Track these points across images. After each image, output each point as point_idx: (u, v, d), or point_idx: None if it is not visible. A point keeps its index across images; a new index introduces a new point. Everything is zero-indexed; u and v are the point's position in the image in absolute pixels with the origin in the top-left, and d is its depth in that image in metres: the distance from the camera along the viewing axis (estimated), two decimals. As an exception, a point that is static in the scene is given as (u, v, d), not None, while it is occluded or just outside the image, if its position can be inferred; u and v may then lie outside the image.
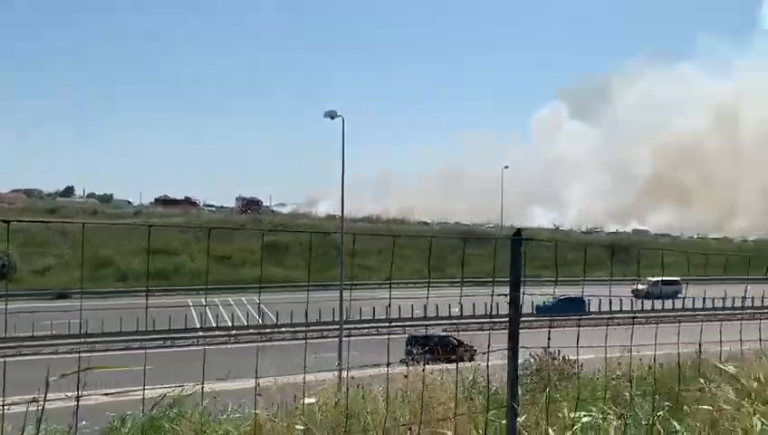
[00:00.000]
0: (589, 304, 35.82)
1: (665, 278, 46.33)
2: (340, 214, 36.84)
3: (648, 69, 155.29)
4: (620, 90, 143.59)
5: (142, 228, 58.16)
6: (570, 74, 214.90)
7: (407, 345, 20.72)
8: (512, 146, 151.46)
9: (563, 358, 12.38)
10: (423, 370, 4.65)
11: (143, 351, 33.10)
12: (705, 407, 5.57)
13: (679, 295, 44.48)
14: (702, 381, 6.15)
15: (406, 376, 5.61)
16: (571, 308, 33.51)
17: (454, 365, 5.45)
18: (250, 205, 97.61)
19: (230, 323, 39.16)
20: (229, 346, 33.77)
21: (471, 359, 15.87)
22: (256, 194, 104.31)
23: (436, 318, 37.46)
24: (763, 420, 4.47)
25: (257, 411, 5.20)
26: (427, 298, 35.78)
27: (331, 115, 32.96)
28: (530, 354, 13.54)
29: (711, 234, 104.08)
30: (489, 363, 4.90)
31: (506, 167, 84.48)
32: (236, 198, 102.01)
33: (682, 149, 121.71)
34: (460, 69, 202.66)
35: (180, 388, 7.26)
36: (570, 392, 7.41)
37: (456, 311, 36.59)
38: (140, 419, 6.65)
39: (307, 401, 5.37)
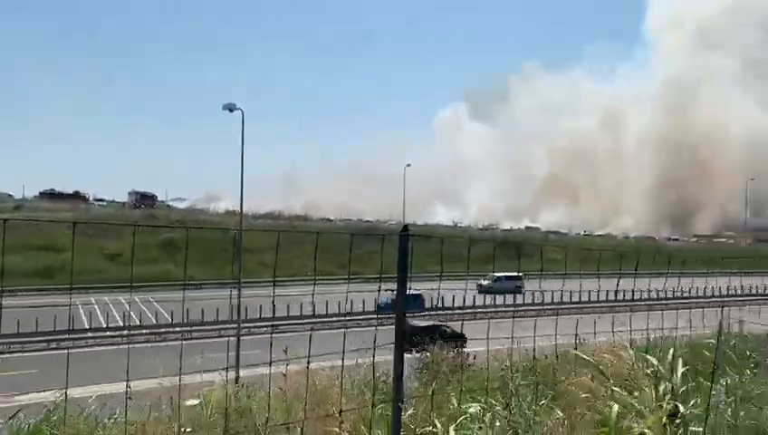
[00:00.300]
0: (442, 299, 35.77)
1: (507, 274, 49.47)
2: (239, 210, 36.19)
3: (543, 72, 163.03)
4: (518, 92, 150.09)
5: (26, 223, 54.19)
6: (471, 76, 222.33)
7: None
8: (417, 145, 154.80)
9: (457, 351, 12.87)
10: (308, 367, 4.69)
11: (27, 354, 31.14)
12: (584, 394, 6.01)
13: (522, 290, 47.24)
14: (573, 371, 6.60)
15: (284, 374, 5.62)
16: (410, 306, 34.33)
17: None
18: (144, 200, 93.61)
19: (121, 323, 37.38)
20: (121, 347, 32.27)
21: (462, 346, 15.98)
22: (152, 189, 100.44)
23: (326, 316, 37.37)
24: (618, 403, 4.88)
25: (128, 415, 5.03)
26: (313, 295, 36.25)
27: (230, 108, 32.29)
28: (424, 348, 14.02)
29: (597, 231, 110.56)
30: (381, 359, 5.04)
31: (408, 165, 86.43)
32: (129, 193, 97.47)
33: (573, 150, 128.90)
34: (370, 68, 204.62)
35: (61, 392, 6.91)
36: (461, 384, 7.72)
37: (346, 307, 37.02)
38: (16, 426, 6.28)
39: (191, 402, 5.28)
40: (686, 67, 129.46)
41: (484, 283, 52.45)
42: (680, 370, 6.43)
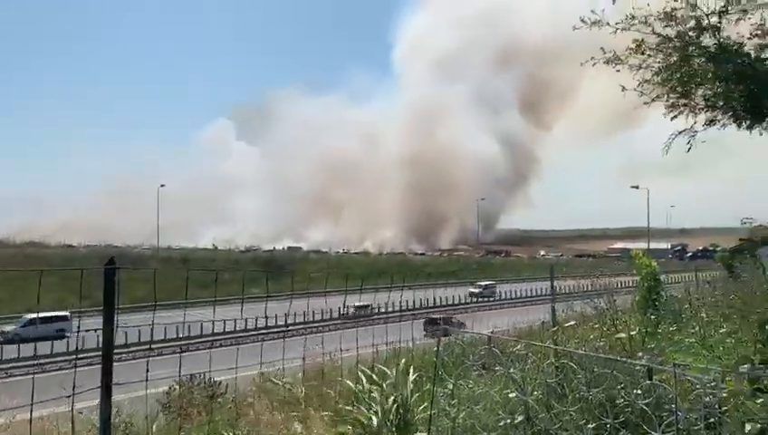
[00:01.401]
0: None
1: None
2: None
3: (307, 94, 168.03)
4: (282, 113, 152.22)
5: None
6: (236, 94, 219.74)
7: (424, 327, 26.68)
8: (180, 163, 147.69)
9: (206, 381, 12.22)
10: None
11: None
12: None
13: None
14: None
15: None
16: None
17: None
18: None
19: None
20: None
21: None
22: None
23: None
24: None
25: None
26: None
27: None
28: (175, 381, 13.08)
29: (355, 248, 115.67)
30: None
31: (162, 185, 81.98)
32: None
33: (335, 170, 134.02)
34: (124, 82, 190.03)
35: None
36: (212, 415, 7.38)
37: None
38: None
39: None
40: (426, 95, 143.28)
41: None
42: (411, 378, 6.81)
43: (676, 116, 7.42)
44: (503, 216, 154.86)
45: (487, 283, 65.46)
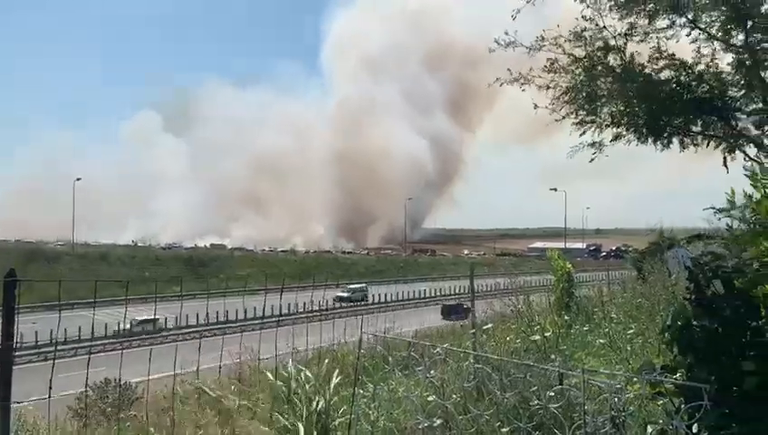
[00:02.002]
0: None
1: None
2: None
3: (237, 87, 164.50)
4: (211, 105, 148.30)
5: None
6: (162, 87, 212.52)
7: (441, 313, 30.46)
8: (98, 157, 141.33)
9: (122, 385, 11.75)
10: None
11: None
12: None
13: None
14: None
15: None
16: None
17: None
18: None
19: None
20: None
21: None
22: None
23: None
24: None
25: None
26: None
27: None
28: (87, 386, 12.51)
29: (282, 246, 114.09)
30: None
31: (78, 179, 78.46)
32: None
33: (264, 166, 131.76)
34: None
35: None
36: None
37: None
38: None
39: None
40: (356, 92, 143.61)
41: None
42: (333, 382, 6.77)
43: (584, 132, 7.74)
44: (429, 215, 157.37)
45: (358, 286, 60.23)
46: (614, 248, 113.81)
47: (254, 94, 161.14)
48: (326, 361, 7.05)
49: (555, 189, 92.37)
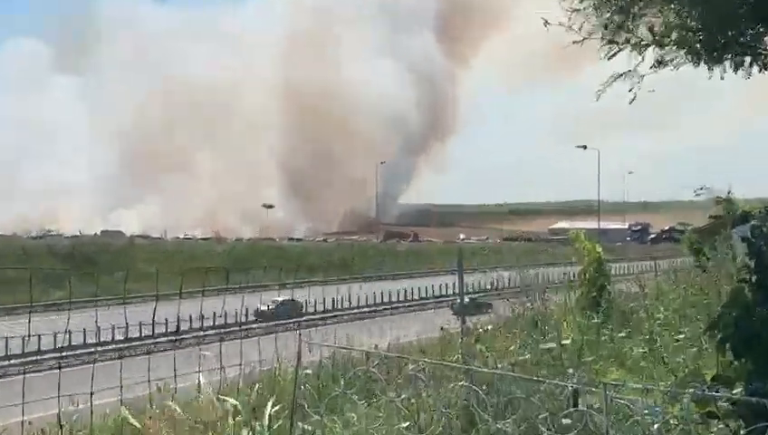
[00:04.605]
0: None
1: None
2: None
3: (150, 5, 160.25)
4: (111, 29, 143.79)
5: None
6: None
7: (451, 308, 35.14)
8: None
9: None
10: None
11: None
12: None
13: None
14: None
15: None
16: None
17: None
18: None
19: None
20: None
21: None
22: None
23: None
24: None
25: None
26: None
27: None
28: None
29: (204, 232, 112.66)
30: None
31: None
32: None
33: (183, 116, 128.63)
34: None
35: None
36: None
37: None
38: None
39: None
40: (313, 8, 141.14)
41: None
42: (268, 411, 6.80)
43: (614, 54, 7.63)
44: (410, 185, 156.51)
45: (287, 298, 60.01)
46: (666, 229, 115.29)
47: (172, 11, 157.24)
48: (256, 386, 7.08)
49: (585, 147, 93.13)
